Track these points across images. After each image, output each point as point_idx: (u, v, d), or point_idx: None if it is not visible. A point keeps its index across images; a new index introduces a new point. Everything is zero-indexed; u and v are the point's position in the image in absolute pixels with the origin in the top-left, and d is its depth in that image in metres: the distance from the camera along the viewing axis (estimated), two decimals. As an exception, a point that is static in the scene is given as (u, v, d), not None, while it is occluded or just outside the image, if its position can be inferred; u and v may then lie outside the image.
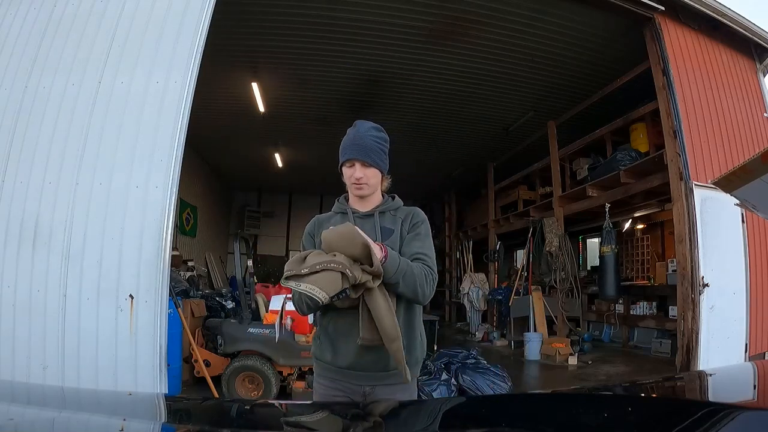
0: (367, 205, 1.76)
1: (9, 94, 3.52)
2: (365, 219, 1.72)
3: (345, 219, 1.72)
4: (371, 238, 1.57)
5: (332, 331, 1.67)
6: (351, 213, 1.73)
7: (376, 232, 1.67)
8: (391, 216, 1.74)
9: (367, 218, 1.72)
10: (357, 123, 1.78)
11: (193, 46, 3.54)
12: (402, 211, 1.77)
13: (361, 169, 1.68)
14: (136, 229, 3.27)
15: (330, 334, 1.68)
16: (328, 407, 1.28)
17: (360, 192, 1.71)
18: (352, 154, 1.70)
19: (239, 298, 4.99)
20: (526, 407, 1.03)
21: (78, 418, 0.90)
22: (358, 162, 1.69)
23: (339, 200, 1.83)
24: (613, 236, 6.89)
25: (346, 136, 1.74)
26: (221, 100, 7.37)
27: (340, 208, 1.79)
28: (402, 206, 1.79)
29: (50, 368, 3.14)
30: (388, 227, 1.70)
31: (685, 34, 5.21)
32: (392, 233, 1.69)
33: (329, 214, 1.80)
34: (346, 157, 1.70)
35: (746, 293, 4.78)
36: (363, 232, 1.53)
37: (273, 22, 5.47)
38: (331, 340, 1.68)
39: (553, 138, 7.77)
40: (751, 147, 5.21)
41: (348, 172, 1.71)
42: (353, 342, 1.57)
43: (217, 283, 10.34)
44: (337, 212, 1.79)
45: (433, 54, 6.08)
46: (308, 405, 1.42)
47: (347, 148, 1.71)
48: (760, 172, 1.21)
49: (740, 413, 0.72)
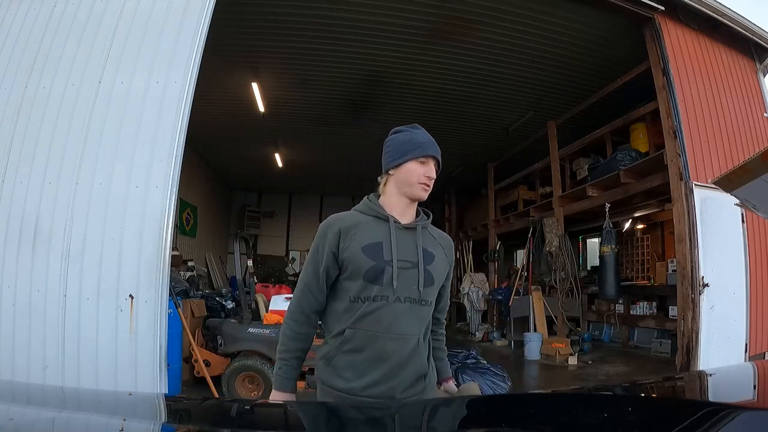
0: (406, 215, 1.57)
1: (9, 94, 3.52)
2: (406, 232, 1.54)
3: (381, 225, 1.52)
4: (412, 257, 1.49)
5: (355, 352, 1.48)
6: (393, 222, 1.52)
7: (417, 253, 1.51)
8: (430, 237, 1.59)
9: (409, 232, 1.54)
10: (415, 126, 1.64)
11: (193, 46, 3.54)
12: (437, 233, 1.64)
13: (434, 168, 1.56)
14: (136, 229, 3.27)
15: (350, 355, 1.48)
16: (327, 407, 1.28)
17: (426, 193, 1.54)
18: (432, 150, 1.55)
19: (239, 298, 5.00)
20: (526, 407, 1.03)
21: (78, 418, 0.90)
22: (435, 160, 1.56)
23: (370, 199, 1.60)
24: (613, 236, 6.89)
25: (407, 134, 1.59)
26: (221, 100, 7.36)
27: (373, 210, 1.55)
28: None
29: (50, 368, 3.14)
30: (430, 251, 1.55)
31: (685, 34, 5.21)
32: (433, 259, 1.54)
33: (354, 215, 1.57)
34: (426, 152, 1.54)
35: (746, 293, 4.78)
36: (401, 246, 1.48)
37: (273, 22, 5.47)
38: (352, 363, 1.48)
39: (553, 138, 7.77)
40: (751, 147, 5.21)
41: (419, 168, 1.53)
42: (386, 365, 1.45)
43: (217, 283, 10.33)
44: (367, 214, 1.55)
45: (433, 54, 6.08)
46: (308, 405, 1.43)
47: (424, 144, 1.55)
48: (760, 172, 1.21)
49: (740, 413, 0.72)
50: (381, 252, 1.48)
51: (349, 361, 1.47)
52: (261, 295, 5.25)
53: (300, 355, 1.59)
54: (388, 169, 1.57)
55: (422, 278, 1.49)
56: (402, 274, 1.47)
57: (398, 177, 1.55)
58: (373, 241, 1.49)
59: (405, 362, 1.47)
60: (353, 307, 1.48)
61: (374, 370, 1.45)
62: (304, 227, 13.98)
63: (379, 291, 1.46)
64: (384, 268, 1.46)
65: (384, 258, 1.47)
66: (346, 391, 1.44)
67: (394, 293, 1.46)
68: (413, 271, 1.49)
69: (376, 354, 1.45)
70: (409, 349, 1.48)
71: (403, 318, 1.47)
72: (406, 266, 1.49)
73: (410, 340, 1.49)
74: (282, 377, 1.55)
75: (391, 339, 1.46)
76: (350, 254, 1.47)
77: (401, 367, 1.47)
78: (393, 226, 1.51)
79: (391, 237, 1.50)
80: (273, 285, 7.71)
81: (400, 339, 1.47)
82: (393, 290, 1.46)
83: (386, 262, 1.46)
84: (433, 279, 1.52)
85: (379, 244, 1.49)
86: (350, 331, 1.47)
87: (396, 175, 1.55)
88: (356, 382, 1.45)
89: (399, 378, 1.45)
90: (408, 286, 1.48)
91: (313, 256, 1.56)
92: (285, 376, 1.55)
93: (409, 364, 1.48)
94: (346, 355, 1.48)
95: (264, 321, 4.68)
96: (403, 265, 1.48)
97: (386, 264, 1.46)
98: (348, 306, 1.50)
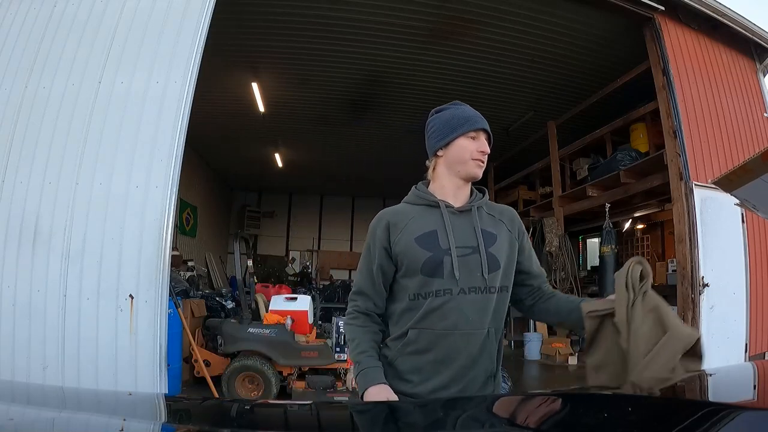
0: (459, 197, 1.44)
1: (9, 94, 3.52)
2: (461, 216, 1.41)
3: (432, 213, 1.41)
4: (470, 241, 1.37)
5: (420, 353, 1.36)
6: (444, 207, 1.40)
7: (477, 236, 1.38)
8: (488, 216, 1.45)
9: (464, 215, 1.41)
10: (457, 102, 1.53)
11: (193, 46, 3.54)
12: (496, 209, 1.49)
13: (486, 143, 1.44)
14: (136, 229, 3.27)
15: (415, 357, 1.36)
16: (327, 407, 1.28)
17: (481, 170, 1.42)
18: (482, 123, 1.44)
19: (239, 298, 5.00)
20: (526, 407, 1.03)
21: (78, 418, 0.90)
22: (486, 134, 1.45)
23: (418, 188, 1.49)
24: (613, 236, 6.89)
25: (451, 110, 1.48)
26: (221, 100, 7.36)
27: (423, 198, 1.44)
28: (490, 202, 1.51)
29: (50, 368, 3.14)
30: (490, 231, 1.41)
31: (685, 34, 5.21)
32: (495, 240, 1.40)
33: (403, 207, 1.46)
34: (476, 126, 1.43)
35: (746, 293, 4.78)
36: (458, 232, 1.36)
37: (273, 22, 5.47)
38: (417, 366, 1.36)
39: (553, 138, 7.77)
40: (751, 147, 5.21)
41: (471, 144, 1.41)
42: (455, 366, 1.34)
43: (217, 283, 10.33)
44: (416, 204, 1.45)
45: (433, 54, 6.08)
46: (308, 405, 1.42)
47: (472, 117, 1.44)
48: (760, 172, 1.21)
49: (740, 413, 0.72)
50: (436, 241, 1.36)
51: (414, 364, 1.35)
52: (261, 295, 5.25)
53: (375, 347, 1.40)
54: (435, 151, 1.46)
55: (485, 263, 1.36)
56: (463, 262, 1.35)
57: (449, 157, 1.44)
58: (427, 230, 1.37)
59: (474, 361, 1.36)
60: (414, 305, 1.37)
61: (442, 372, 1.34)
62: (304, 227, 13.98)
63: (440, 284, 1.34)
64: (442, 259, 1.34)
65: (441, 247, 1.35)
66: (412, 395, 1.34)
67: (457, 284, 1.33)
68: (475, 257, 1.36)
69: (443, 354, 1.34)
70: (479, 345, 1.37)
71: (471, 311, 1.35)
72: (467, 252, 1.36)
73: (479, 335, 1.37)
74: (366, 369, 1.35)
75: (459, 336, 1.34)
76: (403, 247, 1.36)
77: (470, 367, 1.36)
78: (446, 211, 1.39)
79: (445, 223, 1.38)
80: (273, 285, 7.70)
81: (469, 335, 1.35)
82: (456, 281, 1.33)
83: (444, 251, 1.34)
84: (498, 262, 1.39)
85: (433, 233, 1.37)
86: (414, 332, 1.35)
87: (446, 155, 1.44)
88: (422, 386, 1.34)
89: (468, 379, 1.35)
90: (471, 274, 1.35)
91: (365, 258, 1.45)
92: (368, 366, 1.35)
93: (478, 363, 1.37)
94: (410, 357, 1.36)
95: (264, 321, 4.68)
96: (462, 252, 1.36)
97: (444, 253, 1.34)
98: (408, 305, 1.38)
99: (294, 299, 4.99)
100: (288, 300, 4.97)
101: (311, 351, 4.56)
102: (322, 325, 5.35)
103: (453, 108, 1.49)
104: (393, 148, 9.38)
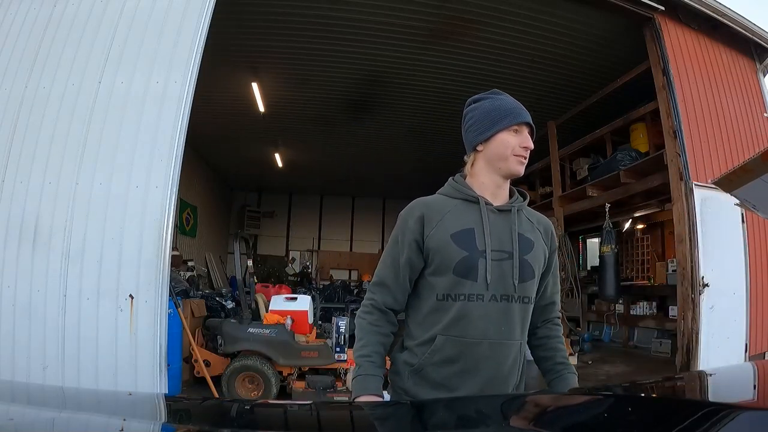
0: (499, 196, 1.35)
1: (9, 94, 3.52)
2: (500, 216, 1.31)
3: (471, 209, 1.31)
4: (507, 246, 1.28)
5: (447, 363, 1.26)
6: (484, 204, 1.30)
7: (513, 240, 1.29)
8: (527, 221, 1.36)
9: (503, 215, 1.32)
10: (496, 91, 1.42)
11: (193, 46, 3.54)
12: (534, 216, 1.41)
13: (529, 137, 1.33)
14: (136, 229, 3.27)
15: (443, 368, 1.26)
16: (327, 407, 1.28)
17: (523, 167, 1.34)
18: (525, 116, 1.33)
19: (239, 298, 5.00)
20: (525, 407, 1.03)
21: (78, 418, 0.90)
22: (529, 127, 1.34)
23: (455, 180, 1.38)
24: (613, 236, 6.89)
25: (491, 101, 1.38)
26: (221, 100, 7.37)
27: (461, 192, 1.34)
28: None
29: (50, 368, 3.14)
30: (528, 237, 1.32)
31: (685, 34, 5.21)
32: (531, 247, 1.31)
33: (439, 199, 1.36)
34: (519, 119, 1.32)
35: (746, 293, 4.78)
36: (495, 233, 1.26)
37: (273, 22, 5.47)
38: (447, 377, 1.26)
39: (553, 138, 7.76)
40: (751, 147, 5.21)
41: (513, 139, 1.31)
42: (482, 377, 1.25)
43: (217, 283, 10.33)
44: (453, 197, 1.34)
45: (433, 54, 6.08)
46: (308, 405, 1.42)
47: (514, 110, 1.33)
48: (760, 172, 1.21)
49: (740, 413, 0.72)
50: (473, 240, 1.26)
51: (444, 375, 1.26)
52: (261, 295, 5.25)
53: (381, 351, 1.31)
54: (475, 145, 1.35)
55: (518, 270, 1.27)
56: (496, 266, 1.25)
57: (489, 152, 1.33)
58: (464, 227, 1.27)
59: (505, 374, 1.28)
60: (442, 306, 1.27)
61: (469, 384, 1.25)
62: (304, 227, 13.98)
63: (472, 288, 1.25)
64: (477, 261, 1.25)
65: (477, 248, 1.25)
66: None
67: (488, 290, 1.25)
68: (508, 263, 1.27)
69: (471, 365, 1.25)
70: (511, 357, 1.29)
71: (502, 320, 1.26)
72: (502, 257, 1.27)
73: (510, 347, 1.28)
74: (364, 375, 1.27)
75: (488, 346, 1.25)
76: (437, 243, 1.26)
77: (500, 380, 1.28)
78: (485, 209, 1.29)
79: (483, 222, 1.28)
80: (273, 285, 7.70)
81: (500, 345, 1.26)
82: (487, 286, 1.24)
83: (480, 253, 1.25)
84: (532, 271, 1.30)
85: (470, 231, 1.27)
86: (442, 338, 1.25)
87: (486, 150, 1.34)
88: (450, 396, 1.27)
89: (495, 391, 1.28)
90: (504, 280, 1.26)
91: (391, 248, 1.34)
92: (367, 373, 1.27)
93: (509, 376, 1.30)
94: (439, 368, 1.26)
95: (264, 321, 4.68)
96: (497, 255, 1.26)
97: (480, 255, 1.25)
98: (435, 305, 1.28)
99: (294, 299, 4.99)
100: (288, 300, 4.97)
101: (311, 351, 4.56)
102: (322, 325, 5.35)
103: (493, 98, 1.39)
104: (393, 148, 9.39)
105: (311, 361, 4.56)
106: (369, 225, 13.97)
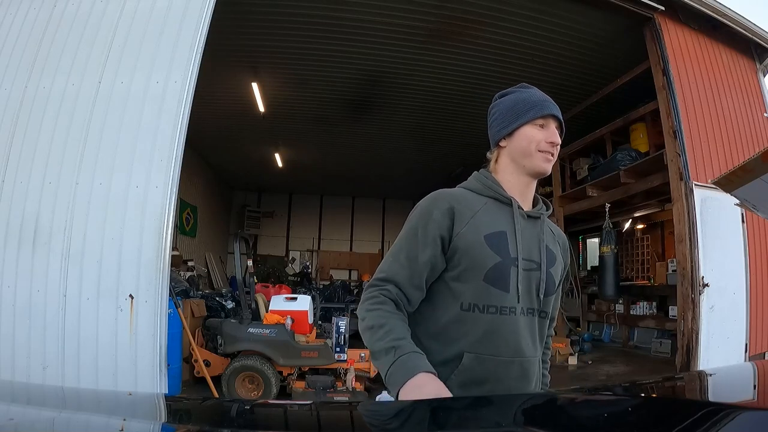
0: (526, 199, 1.24)
1: (9, 94, 3.52)
2: (529, 222, 1.20)
3: (502, 210, 1.18)
4: (536, 256, 1.17)
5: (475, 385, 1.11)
6: (517, 207, 1.19)
7: (541, 250, 1.18)
8: (549, 231, 1.26)
9: (532, 222, 1.21)
10: (524, 85, 1.33)
11: (193, 46, 3.54)
12: (555, 229, 1.32)
13: (557, 132, 1.22)
14: (136, 229, 3.27)
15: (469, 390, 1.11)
16: (327, 407, 1.28)
17: (550, 164, 1.23)
18: (552, 108, 1.22)
19: (239, 298, 4.99)
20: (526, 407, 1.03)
21: (78, 418, 0.90)
22: (557, 121, 1.23)
23: (484, 175, 1.25)
24: (613, 236, 6.89)
25: (516, 94, 1.27)
26: (221, 100, 7.37)
27: (492, 190, 1.21)
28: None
29: (50, 368, 3.15)
30: (551, 249, 1.23)
31: (685, 34, 5.21)
32: (555, 260, 1.22)
33: (467, 195, 1.22)
34: (545, 111, 1.21)
35: (746, 293, 4.78)
36: (525, 241, 1.16)
37: (273, 22, 5.47)
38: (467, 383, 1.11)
39: (553, 138, 7.76)
40: (751, 147, 5.21)
41: (538, 134, 1.20)
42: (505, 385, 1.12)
43: (217, 283, 10.33)
44: (482, 194, 1.21)
45: (433, 54, 6.08)
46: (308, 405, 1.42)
47: (541, 102, 1.23)
48: (760, 172, 1.21)
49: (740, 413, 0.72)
50: (506, 245, 1.13)
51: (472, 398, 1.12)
52: (261, 295, 5.25)
53: (408, 335, 1.10)
54: (498, 141, 1.25)
55: (543, 284, 1.17)
56: (525, 277, 1.14)
57: (512, 147, 1.22)
58: (497, 229, 1.14)
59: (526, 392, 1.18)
60: (467, 318, 1.12)
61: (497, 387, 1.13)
62: (304, 227, 13.98)
63: (503, 300, 1.12)
64: (510, 269, 1.12)
65: (510, 254, 1.13)
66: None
67: (519, 302, 1.13)
68: (536, 274, 1.16)
69: (500, 387, 1.11)
70: (534, 377, 1.18)
71: (529, 336, 1.15)
72: (531, 267, 1.16)
73: (533, 364, 1.17)
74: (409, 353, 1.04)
75: (519, 365, 1.13)
76: (468, 243, 1.12)
77: None
78: (518, 212, 1.17)
79: (516, 227, 1.16)
80: (273, 285, 7.71)
81: (530, 364, 1.15)
82: (518, 298, 1.13)
83: (512, 261, 1.13)
84: (554, 286, 1.21)
85: (503, 235, 1.14)
86: (470, 357, 1.10)
87: (509, 145, 1.23)
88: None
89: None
90: (529, 293, 1.15)
91: (406, 242, 1.15)
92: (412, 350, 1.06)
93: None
94: (465, 390, 1.09)
95: (264, 321, 4.68)
96: (527, 265, 1.15)
97: (512, 263, 1.13)
98: (458, 316, 1.12)
99: (294, 299, 4.99)
100: (288, 300, 4.97)
101: (311, 351, 4.56)
102: (322, 325, 5.35)
103: (519, 91, 1.28)
104: (393, 148, 9.39)
105: (311, 361, 4.56)
106: (369, 225, 13.98)
